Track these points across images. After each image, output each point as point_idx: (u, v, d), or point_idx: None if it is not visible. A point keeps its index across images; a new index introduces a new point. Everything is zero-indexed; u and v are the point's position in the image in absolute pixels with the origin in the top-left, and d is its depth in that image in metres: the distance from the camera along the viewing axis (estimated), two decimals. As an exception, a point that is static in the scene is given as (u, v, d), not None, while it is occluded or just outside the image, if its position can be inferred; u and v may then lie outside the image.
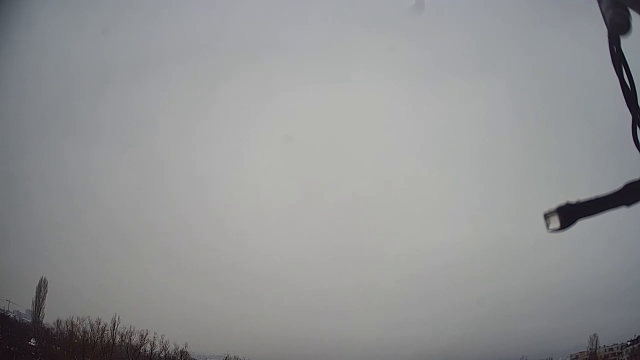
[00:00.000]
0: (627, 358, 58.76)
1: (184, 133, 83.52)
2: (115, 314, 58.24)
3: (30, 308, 60.50)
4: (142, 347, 60.20)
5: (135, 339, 59.69)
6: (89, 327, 57.38)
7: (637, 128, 2.19)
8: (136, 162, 79.39)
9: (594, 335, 59.76)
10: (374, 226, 77.38)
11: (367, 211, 78.88)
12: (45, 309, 59.55)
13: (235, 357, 65.92)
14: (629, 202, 1.96)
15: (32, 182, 70.84)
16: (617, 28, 2.16)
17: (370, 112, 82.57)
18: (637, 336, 58.72)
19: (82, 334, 57.28)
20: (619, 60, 2.21)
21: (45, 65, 72.58)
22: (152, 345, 60.36)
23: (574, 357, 62.45)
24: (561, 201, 1.94)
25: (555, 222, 1.94)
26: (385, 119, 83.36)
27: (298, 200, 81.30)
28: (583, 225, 1.99)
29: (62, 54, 73.85)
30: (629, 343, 59.53)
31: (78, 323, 57.26)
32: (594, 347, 60.26)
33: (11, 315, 59.21)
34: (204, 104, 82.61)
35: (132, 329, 59.11)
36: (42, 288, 59.86)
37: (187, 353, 62.23)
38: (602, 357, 60.20)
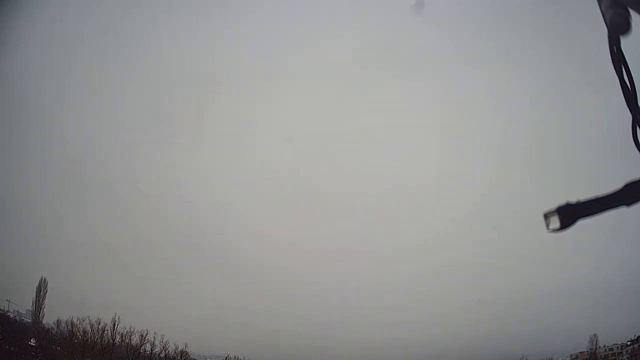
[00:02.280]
0: (627, 358, 58.75)
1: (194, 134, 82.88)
2: (115, 314, 58.47)
3: (30, 308, 60.69)
4: (142, 347, 60.31)
5: (135, 339, 59.95)
6: (89, 327, 57.65)
7: (637, 128, 2.19)
8: (137, 159, 79.55)
9: (594, 335, 59.87)
10: (383, 223, 77.23)
11: (377, 208, 78.57)
12: (45, 309, 59.78)
13: (235, 357, 66.03)
14: (629, 202, 1.95)
15: (31, 182, 71.07)
16: (617, 28, 2.16)
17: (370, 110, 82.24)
18: (637, 336, 58.73)
19: (82, 334, 57.38)
20: (619, 60, 2.21)
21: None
22: (152, 345, 60.58)
23: (574, 357, 62.46)
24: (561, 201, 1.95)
25: (555, 222, 1.94)
26: (385, 117, 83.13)
27: (306, 197, 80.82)
28: (583, 225, 1.99)
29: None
30: (629, 343, 59.53)
31: (78, 323, 57.48)
32: (594, 347, 60.27)
33: (11, 315, 59.28)
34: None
35: (132, 329, 59.35)
36: (42, 288, 60.00)
37: (187, 353, 62.31)
38: (602, 357, 60.19)
